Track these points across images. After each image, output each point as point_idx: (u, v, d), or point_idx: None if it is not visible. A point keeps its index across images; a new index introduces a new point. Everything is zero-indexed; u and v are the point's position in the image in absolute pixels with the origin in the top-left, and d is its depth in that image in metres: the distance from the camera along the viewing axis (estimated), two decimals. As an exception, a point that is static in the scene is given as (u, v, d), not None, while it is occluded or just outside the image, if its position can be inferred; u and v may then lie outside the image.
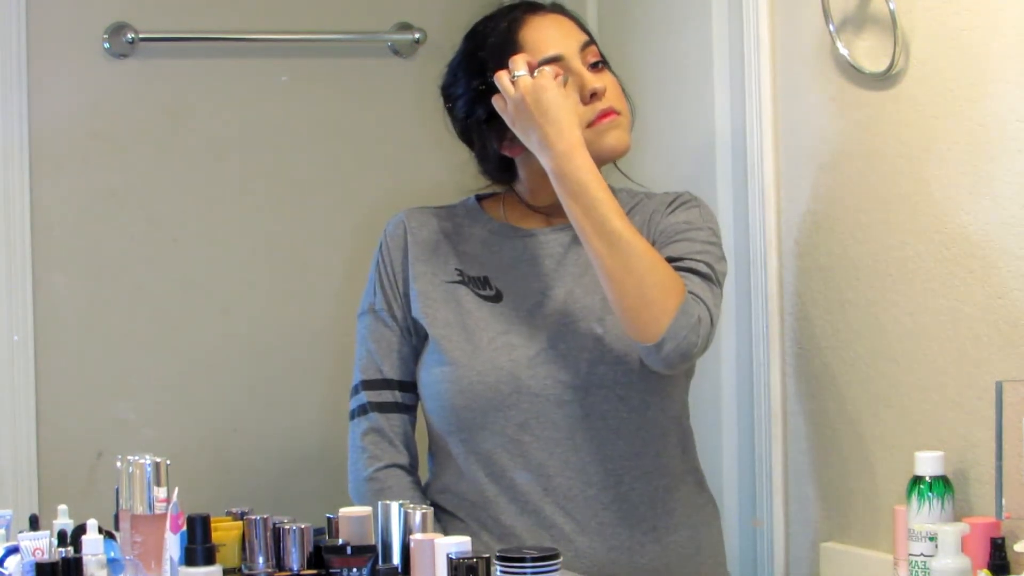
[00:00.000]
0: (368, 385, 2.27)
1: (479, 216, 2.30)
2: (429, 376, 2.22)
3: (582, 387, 2.16)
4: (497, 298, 2.22)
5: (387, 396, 2.27)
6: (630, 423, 2.17)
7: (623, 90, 2.24)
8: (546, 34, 2.19)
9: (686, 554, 2.21)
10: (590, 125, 2.16)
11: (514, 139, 2.16)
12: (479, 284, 2.24)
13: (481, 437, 2.18)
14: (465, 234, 2.29)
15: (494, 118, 2.18)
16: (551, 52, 2.18)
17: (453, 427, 2.20)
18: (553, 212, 2.24)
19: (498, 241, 2.27)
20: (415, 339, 2.27)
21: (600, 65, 2.20)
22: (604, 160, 2.20)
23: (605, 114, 2.17)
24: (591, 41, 2.22)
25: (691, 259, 2.13)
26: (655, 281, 2.04)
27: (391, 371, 2.27)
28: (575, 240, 2.22)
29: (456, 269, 2.25)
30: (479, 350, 2.18)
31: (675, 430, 2.24)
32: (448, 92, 2.27)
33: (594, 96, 2.17)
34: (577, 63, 2.18)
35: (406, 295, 2.26)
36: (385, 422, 2.26)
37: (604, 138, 2.17)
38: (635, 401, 2.17)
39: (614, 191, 2.30)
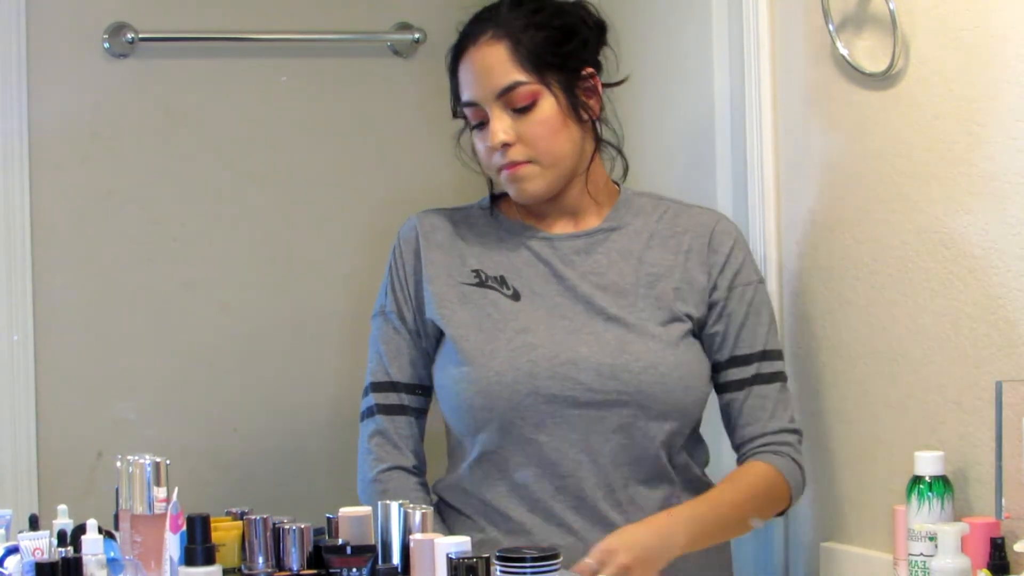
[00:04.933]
0: (376, 387, 2.28)
1: (494, 215, 2.30)
2: (445, 376, 2.22)
3: (601, 391, 2.16)
4: (515, 297, 2.22)
5: (393, 399, 2.27)
6: (647, 429, 2.18)
7: (593, 117, 2.24)
8: (469, 75, 2.22)
9: (691, 555, 2.21)
10: (500, 170, 2.22)
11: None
12: (497, 283, 2.24)
13: (497, 436, 2.18)
14: (480, 233, 2.29)
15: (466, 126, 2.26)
16: (468, 98, 2.22)
17: (469, 426, 2.20)
18: (559, 212, 2.26)
19: (513, 240, 2.27)
20: (426, 342, 2.27)
21: (528, 107, 2.18)
22: (518, 202, 2.27)
23: (505, 167, 2.20)
24: (518, 83, 2.18)
25: (769, 353, 2.26)
26: (772, 498, 2.23)
27: (399, 374, 2.27)
28: (594, 245, 2.24)
29: (473, 270, 2.25)
30: (497, 350, 2.18)
31: (690, 437, 2.26)
32: None
33: (495, 149, 2.19)
34: (494, 109, 2.19)
35: (418, 298, 2.26)
36: (390, 424, 2.26)
37: (509, 188, 2.23)
38: (655, 410, 2.17)
39: (632, 194, 2.31)
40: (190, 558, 1.80)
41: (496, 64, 2.19)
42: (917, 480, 2.03)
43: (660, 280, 2.23)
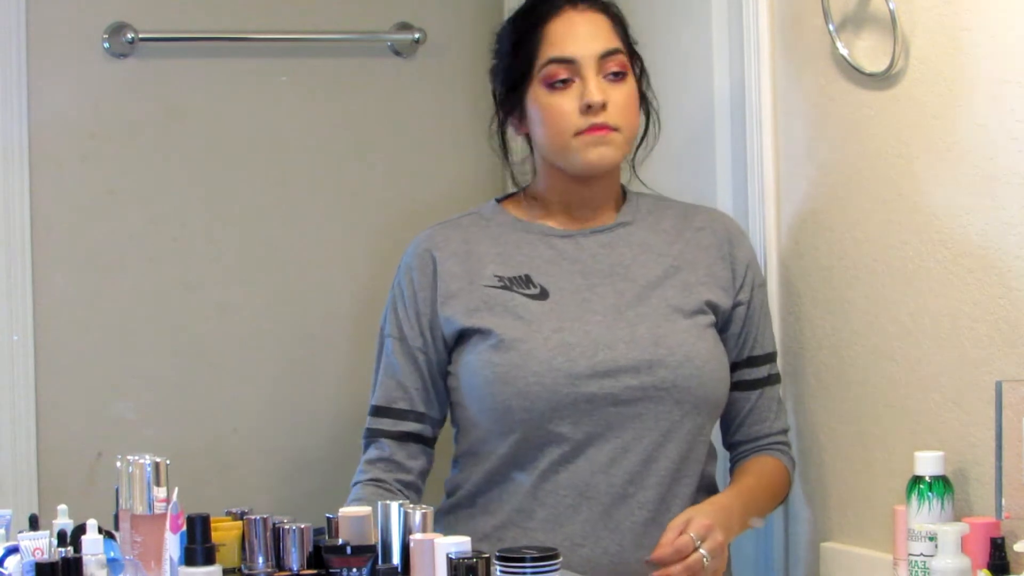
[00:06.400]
0: (379, 412, 2.28)
1: (505, 218, 2.30)
2: (476, 378, 2.20)
3: (640, 387, 2.16)
4: (543, 296, 2.22)
5: (391, 425, 2.27)
6: (682, 423, 2.19)
7: (651, 107, 2.29)
8: (568, 32, 2.22)
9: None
10: (578, 134, 2.19)
11: (523, 119, 2.24)
12: (522, 283, 2.22)
13: (532, 435, 2.17)
14: (495, 237, 2.27)
15: (512, 93, 2.24)
16: (564, 53, 2.21)
17: (504, 427, 2.18)
18: (575, 208, 2.27)
19: (532, 240, 2.26)
20: (439, 367, 2.25)
21: (621, 75, 2.21)
22: (582, 171, 2.23)
23: (594, 128, 2.19)
24: (619, 50, 2.22)
25: (775, 355, 2.34)
26: (783, 494, 2.34)
27: (405, 401, 2.26)
28: (615, 239, 2.24)
29: (495, 275, 2.23)
30: (534, 351, 2.17)
31: (708, 438, 2.27)
32: (493, 55, 2.31)
33: (590, 108, 2.17)
34: (590, 70, 2.19)
35: (435, 321, 2.24)
36: (386, 452, 2.26)
37: (586, 152, 2.20)
38: (689, 403, 2.18)
39: (633, 195, 2.32)
40: (190, 558, 1.80)
41: (602, 28, 2.23)
42: (917, 480, 2.03)
43: (682, 272, 2.25)
